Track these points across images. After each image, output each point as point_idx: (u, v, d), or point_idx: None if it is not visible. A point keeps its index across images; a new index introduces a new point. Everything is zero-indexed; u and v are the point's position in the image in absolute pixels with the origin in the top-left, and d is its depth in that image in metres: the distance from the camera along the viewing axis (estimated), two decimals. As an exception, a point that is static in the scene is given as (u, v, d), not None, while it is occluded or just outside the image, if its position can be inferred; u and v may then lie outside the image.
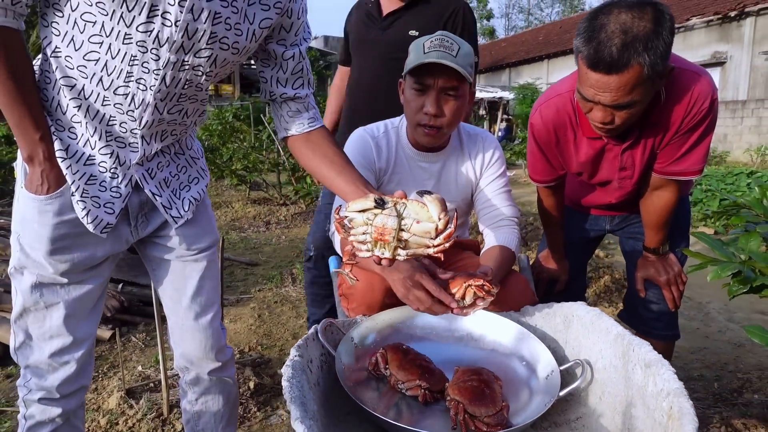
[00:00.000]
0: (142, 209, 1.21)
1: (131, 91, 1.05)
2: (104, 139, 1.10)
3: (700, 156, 1.50)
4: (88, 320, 1.22)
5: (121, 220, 1.18)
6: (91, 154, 1.10)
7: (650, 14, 1.24)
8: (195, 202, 1.29)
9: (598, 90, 1.30)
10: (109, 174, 1.13)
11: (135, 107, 1.07)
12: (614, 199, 1.71)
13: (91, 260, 1.16)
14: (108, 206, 1.13)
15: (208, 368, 1.38)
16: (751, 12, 13.38)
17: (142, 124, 1.10)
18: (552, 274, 1.92)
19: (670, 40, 1.27)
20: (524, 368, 1.27)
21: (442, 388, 1.23)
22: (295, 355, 1.01)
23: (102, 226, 1.13)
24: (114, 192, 1.14)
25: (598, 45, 1.24)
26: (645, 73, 1.25)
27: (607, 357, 1.09)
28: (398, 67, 1.68)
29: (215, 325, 1.37)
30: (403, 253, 1.00)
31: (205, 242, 1.33)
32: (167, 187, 1.23)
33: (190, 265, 1.32)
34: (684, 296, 3.51)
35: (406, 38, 2.04)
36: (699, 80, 1.41)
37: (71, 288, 1.17)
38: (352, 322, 1.36)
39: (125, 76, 1.03)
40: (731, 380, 2.35)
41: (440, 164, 1.62)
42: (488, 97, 17.57)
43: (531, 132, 1.66)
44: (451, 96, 1.46)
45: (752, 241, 1.35)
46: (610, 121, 1.36)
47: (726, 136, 12.92)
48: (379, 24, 2.20)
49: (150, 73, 1.04)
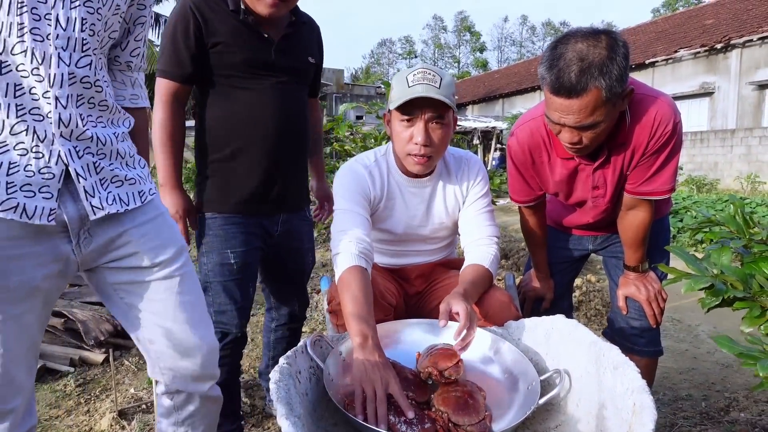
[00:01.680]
0: (84, 224, 1.08)
1: (28, 45, 0.95)
2: (15, 114, 0.97)
3: (668, 176, 1.58)
4: (24, 364, 1.07)
5: (60, 236, 1.05)
6: (2, 141, 0.97)
7: (604, 42, 1.35)
8: (123, 204, 1.13)
9: (563, 113, 1.39)
10: (32, 155, 0.99)
11: (39, 63, 0.97)
12: (591, 218, 1.77)
13: (29, 283, 1.02)
14: (44, 191, 1.00)
15: (205, 387, 1.29)
16: (736, 44, 13.75)
17: (52, 81, 0.98)
18: (538, 293, 1.96)
19: (625, 64, 1.36)
20: (507, 380, 1.31)
21: (428, 400, 1.27)
22: (283, 363, 1.05)
23: (46, 213, 1.00)
24: (45, 173, 1.00)
25: (558, 72, 1.35)
26: (603, 95, 1.34)
27: (582, 365, 1.13)
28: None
29: (210, 339, 1.27)
30: None
31: (168, 252, 1.20)
32: (96, 174, 1.09)
33: (162, 285, 1.19)
34: (674, 319, 3.57)
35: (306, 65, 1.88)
36: (660, 105, 1.50)
37: (7, 324, 1.02)
38: (340, 337, 1.40)
39: (17, 29, 0.94)
40: (718, 399, 2.38)
41: (430, 188, 1.68)
42: (482, 126, 17.82)
43: (509, 154, 1.74)
44: (438, 124, 1.53)
45: (724, 256, 1.41)
46: (578, 141, 1.45)
47: (716, 164, 13.11)
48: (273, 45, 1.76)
49: (42, 19, 0.96)
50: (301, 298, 2.06)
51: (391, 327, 1.45)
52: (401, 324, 1.46)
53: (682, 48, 15.06)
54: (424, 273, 1.73)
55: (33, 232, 1.02)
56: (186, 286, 1.23)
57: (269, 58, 1.74)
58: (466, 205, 1.69)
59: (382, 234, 1.70)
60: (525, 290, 1.98)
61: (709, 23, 16.10)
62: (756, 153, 12.36)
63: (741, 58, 13.83)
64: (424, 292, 1.74)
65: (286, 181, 1.82)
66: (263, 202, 1.78)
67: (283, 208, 1.85)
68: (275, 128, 1.74)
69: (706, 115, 14.63)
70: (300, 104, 1.84)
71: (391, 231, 1.67)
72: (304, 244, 1.97)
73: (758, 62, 13.51)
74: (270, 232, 1.83)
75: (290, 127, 1.79)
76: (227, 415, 1.79)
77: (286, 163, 1.80)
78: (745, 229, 1.46)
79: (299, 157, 1.89)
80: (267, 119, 1.73)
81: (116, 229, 1.14)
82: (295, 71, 1.82)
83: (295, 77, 1.82)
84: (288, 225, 1.87)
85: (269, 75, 1.75)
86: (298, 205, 1.93)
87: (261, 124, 1.73)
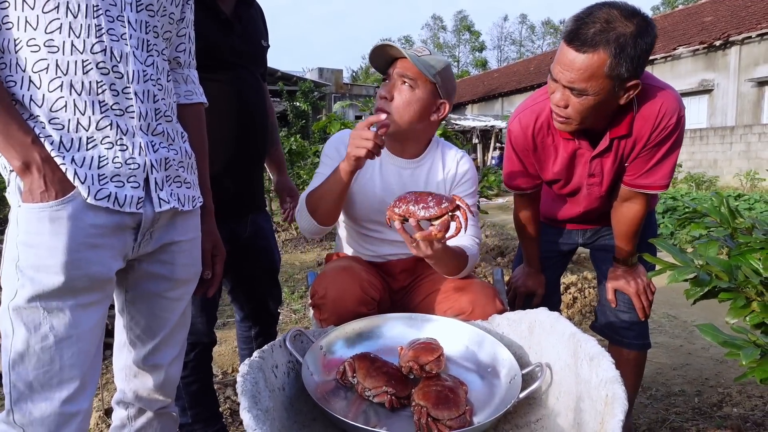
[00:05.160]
0: (153, 224, 1.13)
1: (107, 44, 1.02)
2: (99, 111, 1.02)
3: (667, 171, 1.57)
4: (95, 358, 1.07)
5: (130, 232, 1.09)
6: (90, 136, 1.02)
7: (637, 21, 1.34)
8: (180, 204, 1.17)
9: (563, 67, 1.38)
10: (117, 148, 1.05)
11: (117, 61, 1.04)
12: (582, 208, 1.76)
13: (107, 274, 1.05)
14: (132, 181, 1.06)
15: (158, 405, 1.30)
16: (735, 41, 13.72)
17: (130, 78, 1.06)
18: (529, 290, 1.94)
19: (643, 54, 1.35)
20: (489, 374, 1.29)
21: (409, 394, 1.25)
22: (256, 356, 1.03)
23: (135, 202, 1.06)
24: (131, 164, 1.06)
25: (580, 23, 1.35)
26: (607, 67, 1.33)
27: (563, 357, 1.11)
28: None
29: (175, 370, 1.30)
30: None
31: (192, 273, 1.26)
32: (165, 169, 1.13)
33: (171, 305, 1.23)
34: (669, 315, 3.55)
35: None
36: (667, 97, 1.49)
37: (83, 315, 1.02)
38: (321, 332, 1.38)
39: (95, 31, 1.00)
40: (711, 395, 2.36)
41: (410, 171, 1.65)
42: (481, 125, 17.79)
43: (509, 139, 1.72)
44: (407, 86, 1.52)
45: (710, 249, 1.39)
46: (565, 106, 1.43)
47: (716, 161, 13.08)
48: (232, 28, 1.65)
49: (115, 21, 1.03)
50: (276, 294, 2.01)
51: (373, 321, 1.43)
52: (383, 318, 1.44)
53: (681, 45, 15.03)
54: (408, 268, 1.70)
55: (115, 224, 1.05)
56: (187, 310, 1.29)
57: (231, 45, 1.61)
58: None
59: (356, 210, 1.66)
60: (516, 286, 1.96)
61: (708, 20, 16.06)
62: (755, 150, 12.33)
63: (740, 55, 13.80)
64: (408, 287, 1.72)
65: (255, 179, 1.78)
66: (233, 204, 1.71)
67: (251, 209, 1.79)
68: (241, 124, 1.67)
69: (706, 112, 14.59)
70: (261, 95, 1.76)
71: (365, 205, 1.63)
72: (270, 241, 1.91)
73: (757, 59, 13.47)
74: (238, 234, 1.75)
75: (255, 122, 1.71)
76: (207, 418, 1.78)
77: (253, 160, 1.75)
78: (730, 219, 1.44)
79: (264, 153, 1.84)
80: (233, 115, 1.64)
81: (171, 237, 1.19)
82: (252, 57, 1.72)
83: (252, 64, 1.72)
84: (255, 225, 1.82)
85: (230, 63, 1.63)
86: (263, 203, 1.89)
87: (227, 122, 1.63)
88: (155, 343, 1.24)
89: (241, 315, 2.01)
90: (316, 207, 1.52)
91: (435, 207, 1.28)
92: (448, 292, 1.56)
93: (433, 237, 1.28)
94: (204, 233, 1.31)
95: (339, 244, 1.83)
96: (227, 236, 1.69)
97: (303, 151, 6.67)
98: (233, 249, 1.74)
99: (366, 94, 21.93)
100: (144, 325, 1.22)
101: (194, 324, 1.68)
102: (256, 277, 1.90)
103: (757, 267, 1.34)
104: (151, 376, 1.25)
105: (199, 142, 1.32)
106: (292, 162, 7.34)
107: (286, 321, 3.47)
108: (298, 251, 5.79)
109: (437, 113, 1.59)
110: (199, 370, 1.74)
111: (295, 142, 6.98)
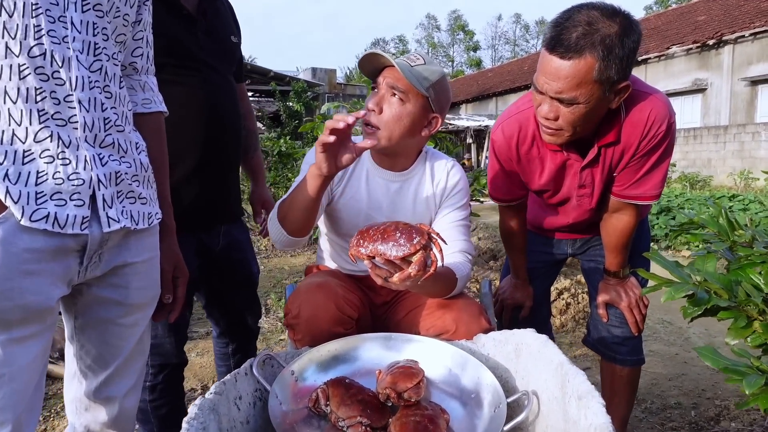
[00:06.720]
0: (102, 246, 1.03)
1: (47, 47, 0.92)
2: (38, 121, 0.92)
3: (658, 181, 1.48)
4: (34, 395, 0.97)
5: (74, 255, 0.99)
6: (27, 149, 0.92)
7: (620, 21, 1.25)
8: (134, 222, 1.07)
9: (549, 78, 1.28)
10: (59, 162, 0.94)
11: (59, 66, 0.93)
12: (572, 219, 1.67)
13: (46, 304, 0.95)
14: (75, 198, 0.96)
15: None
16: (728, 40, 13.69)
17: (74, 84, 0.95)
18: (516, 301, 1.86)
19: (631, 54, 1.26)
20: (473, 401, 1.20)
21: (386, 424, 1.16)
22: (211, 393, 0.93)
23: (79, 222, 0.96)
24: (74, 179, 0.95)
25: (561, 29, 1.26)
26: (595, 72, 1.24)
27: (550, 388, 1.02)
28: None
29: (131, 402, 1.19)
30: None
31: (148, 297, 1.17)
32: (115, 185, 1.03)
33: (124, 332, 1.13)
34: (664, 321, 3.47)
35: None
36: (656, 103, 1.40)
37: (18, 351, 0.92)
38: (294, 354, 1.29)
39: (34, 32, 0.90)
40: (708, 407, 2.28)
41: (398, 185, 1.56)
42: (475, 125, 17.73)
43: (492, 148, 1.63)
44: (396, 98, 1.40)
45: (709, 263, 1.31)
46: (555, 118, 1.34)
47: (710, 160, 13.06)
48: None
49: (57, 21, 0.93)
50: (255, 309, 1.90)
51: (350, 343, 1.33)
52: (360, 339, 1.34)
53: (674, 44, 15.00)
54: (389, 282, 1.61)
55: (55, 247, 0.95)
56: (144, 336, 1.19)
57: (196, 42, 1.51)
58: (439, 215, 1.57)
59: (342, 225, 1.57)
60: (503, 298, 1.87)
61: (701, 20, 16.04)
62: (749, 149, 12.31)
63: (733, 54, 13.77)
64: (391, 303, 1.62)
65: (226, 189, 1.67)
66: (202, 215, 1.60)
67: (223, 220, 1.68)
68: (210, 129, 1.56)
69: (699, 111, 14.56)
70: (232, 97, 1.65)
71: (351, 220, 1.54)
72: (247, 254, 1.81)
73: (750, 58, 13.45)
74: (209, 246, 1.64)
75: (225, 126, 1.60)
76: None
77: (224, 168, 1.64)
78: (729, 231, 1.36)
79: (237, 160, 1.73)
80: (201, 120, 1.53)
81: (123, 258, 1.09)
82: (221, 54, 1.60)
83: (222, 63, 1.61)
84: (229, 237, 1.71)
85: (196, 62, 1.52)
86: (239, 213, 1.78)
87: (194, 127, 1.52)
88: (108, 373, 1.13)
89: (218, 331, 1.91)
90: (286, 214, 1.39)
91: (407, 244, 1.14)
92: (431, 309, 1.47)
93: (412, 278, 1.17)
94: (163, 252, 1.21)
95: (320, 255, 1.74)
96: (196, 249, 1.60)
97: (293, 152, 6.55)
98: (205, 262, 1.64)
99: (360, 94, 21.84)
100: (95, 354, 1.12)
101: (162, 345, 1.58)
102: (231, 291, 1.80)
103: (758, 282, 1.25)
104: (105, 409, 1.15)
105: (158, 153, 1.21)
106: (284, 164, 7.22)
107: (272, 330, 3.37)
108: (288, 255, 5.69)
109: (428, 128, 1.48)
110: (169, 393, 1.64)
111: (285, 143, 6.87)
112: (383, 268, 1.18)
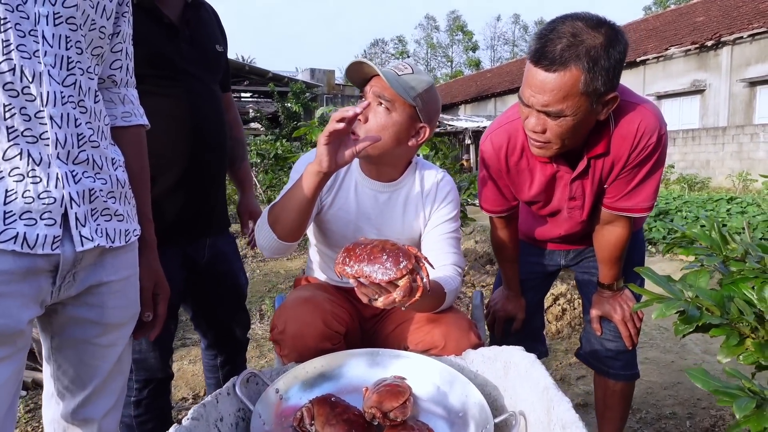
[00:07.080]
0: (75, 265, 1.00)
1: (16, 62, 0.89)
2: (6, 138, 0.89)
3: (650, 193, 1.46)
4: (6, 419, 0.94)
5: (46, 276, 0.96)
6: None
7: (605, 31, 1.23)
8: (109, 240, 1.04)
9: (534, 90, 1.26)
10: (29, 180, 0.91)
11: (29, 81, 0.91)
12: (564, 231, 1.65)
13: (15, 327, 0.92)
14: (46, 217, 0.93)
15: None
16: (727, 41, 13.68)
17: (45, 100, 0.92)
18: (509, 313, 1.83)
19: (617, 65, 1.24)
20: (460, 420, 1.17)
21: (371, 444, 1.14)
22: (189, 418, 0.91)
23: (50, 242, 0.93)
24: (45, 198, 0.93)
25: (545, 42, 1.23)
26: (582, 84, 1.21)
27: (537, 410, 1.00)
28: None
29: (111, 423, 1.16)
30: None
31: (126, 317, 1.14)
32: (89, 202, 1.01)
33: (102, 352, 1.10)
34: (660, 327, 3.45)
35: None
36: (645, 114, 1.37)
37: None
38: (279, 371, 1.27)
39: (2, 47, 0.88)
40: (704, 418, 2.25)
41: (387, 196, 1.53)
42: (473, 126, 17.71)
43: (482, 159, 1.61)
44: (383, 108, 1.39)
45: (701, 278, 1.29)
46: (542, 131, 1.32)
47: (708, 162, 13.04)
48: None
49: (27, 36, 0.90)
50: (243, 320, 1.87)
51: (336, 359, 1.31)
52: (347, 355, 1.32)
53: (673, 46, 14.98)
54: (379, 295, 1.59)
55: (25, 268, 0.92)
56: (124, 356, 1.16)
57: (178, 52, 1.48)
58: (429, 227, 1.54)
59: (331, 236, 1.55)
60: (495, 310, 1.85)
61: (699, 21, 16.03)
62: (747, 150, 12.30)
63: (732, 55, 13.76)
64: (380, 316, 1.60)
65: (211, 201, 1.65)
66: (187, 227, 1.58)
67: (208, 232, 1.66)
68: (194, 140, 1.53)
69: (698, 112, 14.55)
70: (217, 107, 1.62)
71: (339, 230, 1.52)
72: (234, 264, 1.79)
73: (749, 59, 13.44)
74: (195, 259, 1.63)
75: (209, 137, 1.58)
76: None
77: (208, 180, 1.62)
78: (722, 245, 1.33)
79: (222, 171, 1.71)
80: (184, 131, 1.50)
81: (98, 277, 1.06)
82: (205, 65, 1.58)
83: (206, 73, 1.59)
84: (215, 249, 1.68)
85: (180, 72, 1.50)
86: (225, 225, 1.76)
87: (177, 138, 1.50)
88: (86, 394, 1.10)
89: (206, 343, 1.88)
90: (278, 216, 1.35)
91: (393, 268, 1.11)
92: (420, 323, 1.44)
93: (397, 303, 1.14)
94: (143, 269, 1.18)
95: (309, 266, 1.72)
96: (181, 262, 1.58)
97: (289, 155, 6.53)
98: (190, 275, 1.62)
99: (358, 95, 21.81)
100: (72, 374, 1.09)
101: (146, 360, 1.56)
102: (218, 303, 1.77)
103: (751, 298, 1.23)
104: (82, 431, 1.12)
105: (139, 168, 1.19)
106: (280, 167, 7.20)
107: (266, 336, 3.35)
108: (284, 258, 5.66)
109: (416, 137, 1.45)
110: (155, 407, 1.61)
111: (281, 146, 6.84)
112: (369, 288, 1.16)
